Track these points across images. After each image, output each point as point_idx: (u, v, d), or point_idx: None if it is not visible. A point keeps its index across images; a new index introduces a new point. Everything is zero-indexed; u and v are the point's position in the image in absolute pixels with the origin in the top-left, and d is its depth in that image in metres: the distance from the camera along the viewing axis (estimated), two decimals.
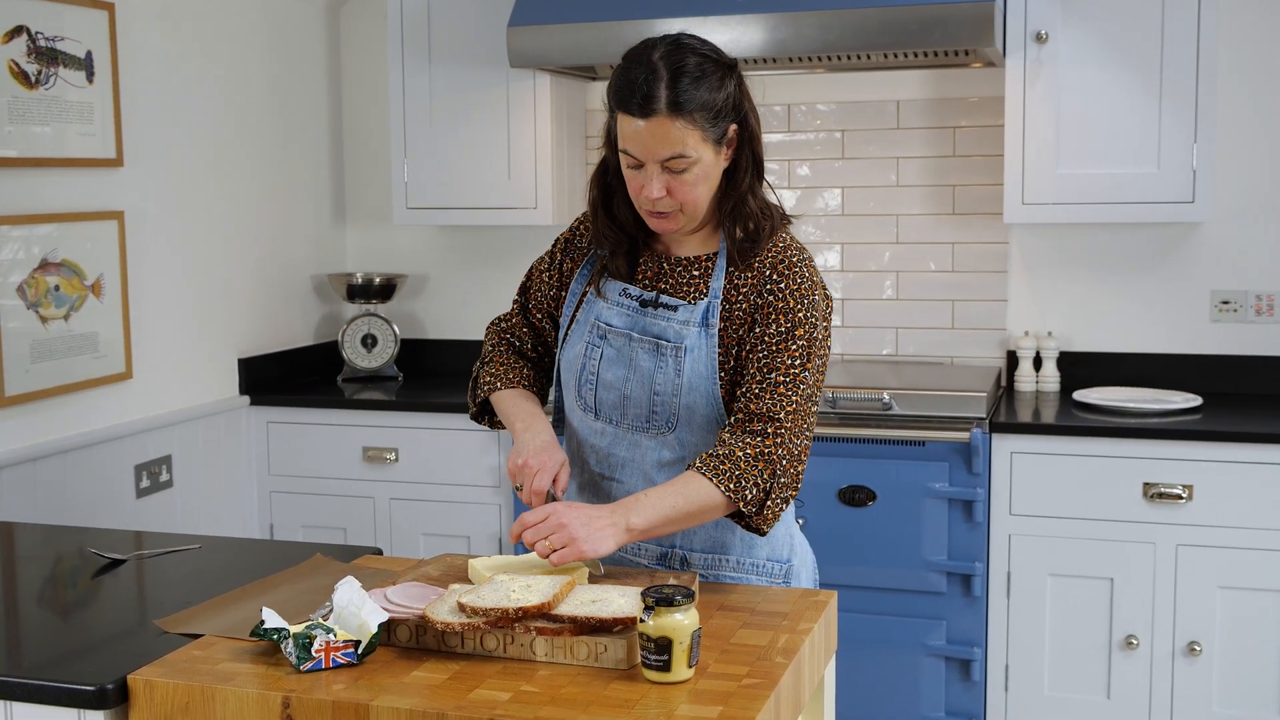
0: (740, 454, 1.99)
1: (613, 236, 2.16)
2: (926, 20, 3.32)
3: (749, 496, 1.99)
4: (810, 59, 3.54)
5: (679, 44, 2.04)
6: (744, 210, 2.09)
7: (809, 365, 2.05)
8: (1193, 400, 3.60)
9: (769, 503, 2.01)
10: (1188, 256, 3.84)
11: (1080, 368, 3.93)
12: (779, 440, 2.01)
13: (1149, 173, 3.52)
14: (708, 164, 2.04)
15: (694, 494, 1.98)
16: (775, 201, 2.16)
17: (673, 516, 1.98)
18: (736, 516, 2.04)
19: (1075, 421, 3.46)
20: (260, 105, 4.07)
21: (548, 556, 1.90)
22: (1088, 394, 3.67)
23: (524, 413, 2.18)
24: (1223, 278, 3.82)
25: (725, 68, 2.06)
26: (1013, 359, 3.97)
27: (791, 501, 2.07)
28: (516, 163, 4.00)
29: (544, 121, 3.96)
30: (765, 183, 2.14)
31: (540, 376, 2.31)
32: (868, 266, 4.09)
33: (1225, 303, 3.81)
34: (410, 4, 4.03)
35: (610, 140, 2.11)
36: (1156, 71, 3.48)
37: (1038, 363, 3.93)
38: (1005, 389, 3.95)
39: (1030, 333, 3.96)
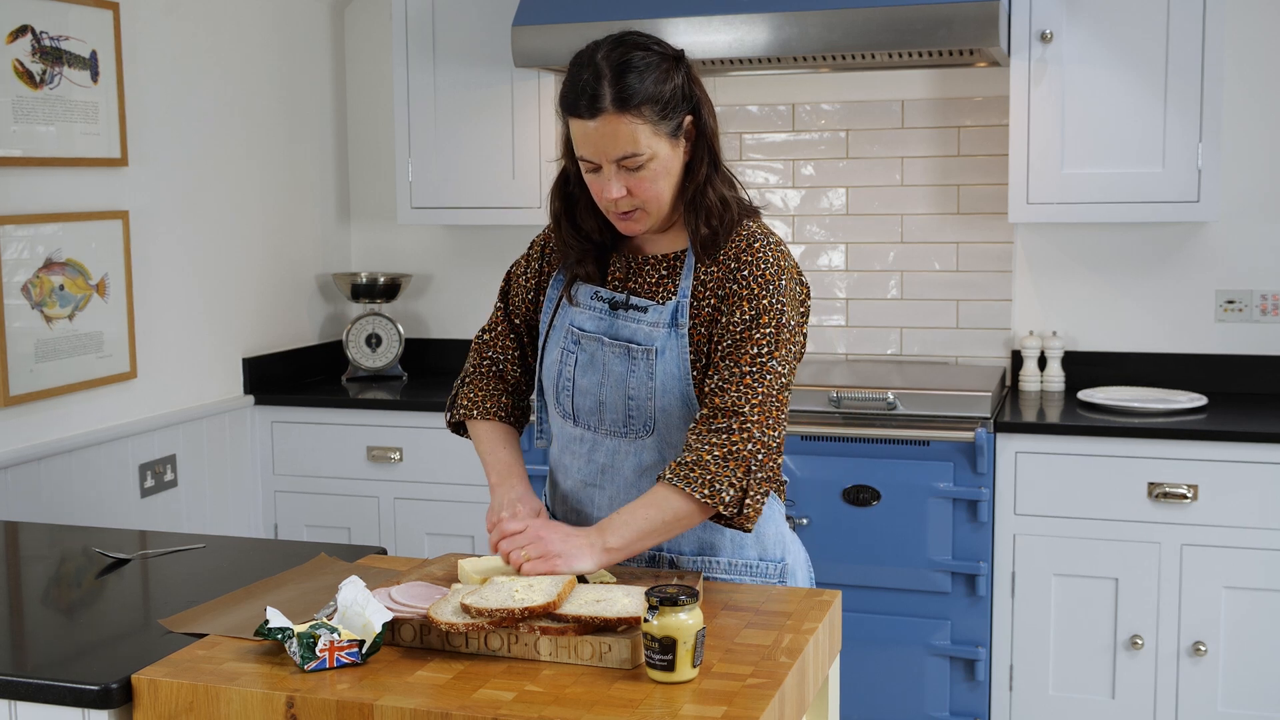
0: (709, 457, 1.96)
1: (577, 246, 2.15)
2: (931, 20, 3.31)
3: (727, 499, 1.96)
4: (815, 58, 3.53)
5: (622, 41, 2.03)
6: (703, 202, 2.05)
7: (777, 353, 2.01)
8: (1198, 400, 3.59)
9: (748, 500, 1.98)
10: (1193, 256, 3.84)
11: (1085, 367, 3.93)
12: (746, 435, 1.97)
13: (1154, 172, 3.51)
14: (664, 158, 2.02)
15: (668, 506, 1.96)
16: (743, 195, 2.13)
17: (649, 529, 1.96)
18: (718, 518, 2.01)
19: (1080, 421, 3.45)
20: (265, 105, 4.08)
21: (519, 567, 1.90)
22: (1092, 394, 3.66)
23: (498, 463, 2.17)
24: (1228, 277, 3.81)
25: (671, 60, 2.03)
26: (1017, 358, 3.97)
27: (771, 494, 2.04)
28: (521, 162, 4.00)
29: (549, 121, 3.96)
30: (728, 174, 2.11)
31: (519, 400, 2.29)
32: (872, 266, 4.09)
33: (1230, 302, 3.81)
34: (415, 3, 4.03)
35: (568, 149, 2.10)
36: (1161, 71, 3.48)
37: (1042, 362, 3.92)
38: (1010, 389, 3.94)
39: (1035, 332, 3.95)
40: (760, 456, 1.98)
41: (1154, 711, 3.39)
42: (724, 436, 1.97)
